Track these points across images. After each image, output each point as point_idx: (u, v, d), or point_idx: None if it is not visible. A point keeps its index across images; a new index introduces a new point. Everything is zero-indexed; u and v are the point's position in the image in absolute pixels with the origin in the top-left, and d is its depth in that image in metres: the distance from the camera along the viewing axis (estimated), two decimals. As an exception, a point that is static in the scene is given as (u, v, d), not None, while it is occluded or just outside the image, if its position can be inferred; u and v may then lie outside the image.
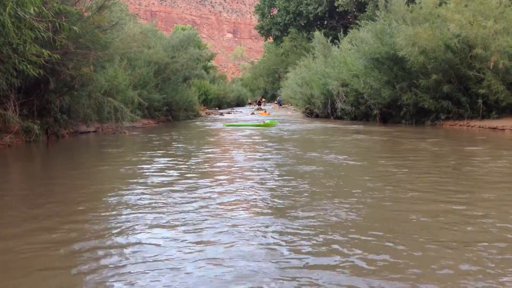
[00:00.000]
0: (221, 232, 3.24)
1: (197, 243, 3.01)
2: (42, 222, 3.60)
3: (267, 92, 61.85)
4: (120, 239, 3.13)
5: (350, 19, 36.00)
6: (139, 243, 3.03)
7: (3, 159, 7.90)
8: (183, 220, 3.55)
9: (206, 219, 3.55)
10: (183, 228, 3.35)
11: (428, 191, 4.57)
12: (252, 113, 30.76)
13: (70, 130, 11.87)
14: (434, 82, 14.60)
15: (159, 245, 2.97)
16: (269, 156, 7.49)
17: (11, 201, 4.49)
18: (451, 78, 14.70)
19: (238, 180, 5.36)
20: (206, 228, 3.34)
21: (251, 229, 3.31)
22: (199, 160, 7.13)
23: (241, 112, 35.55)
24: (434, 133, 12.17)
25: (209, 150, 9.01)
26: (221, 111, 36.33)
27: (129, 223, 3.49)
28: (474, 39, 13.69)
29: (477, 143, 9.75)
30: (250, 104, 62.46)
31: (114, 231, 3.31)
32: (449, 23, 14.07)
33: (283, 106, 44.61)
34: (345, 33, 24.39)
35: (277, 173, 5.81)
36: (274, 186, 4.92)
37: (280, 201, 4.20)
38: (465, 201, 4.16)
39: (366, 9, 30.86)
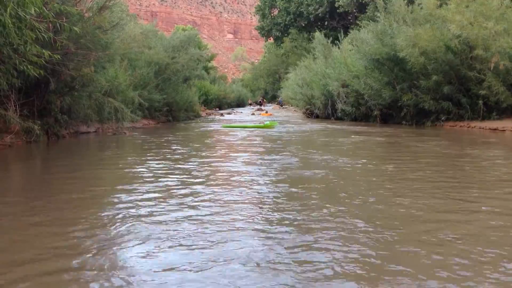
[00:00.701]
0: (225, 251, 2.89)
1: (195, 263, 2.69)
2: (40, 221, 3.60)
3: (268, 92, 61.87)
4: (113, 242, 3.13)
5: (351, 20, 36.00)
6: (129, 253, 2.92)
7: (4, 159, 7.90)
8: (178, 232, 3.30)
9: (205, 234, 3.24)
10: (178, 240, 3.08)
11: (451, 201, 4.25)
12: (253, 114, 30.75)
13: (71, 130, 11.87)
14: (434, 83, 14.61)
15: (156, 262, 2.71)
16: (271, 160, 7.30)
17: (10, 201, 4.49)
18: (452, 79, 14.71)
19: (240, 187, 5.04)
20: (205, 245, 3.00)
21: (257, 246, 2.99)
22: (198, 164, 6.90)
23: (241, 112, 35.48)
24: (437, 134, 12.14)
25: (209, 153, 8.88)
26: (221, 111, 36.30)
27: (122, 227, 3.49)
28: (475, 40, 13.70)
29: (484, 145, 9.59)
30: (250, 104, 62.43)
31: (107, 234, 3.31)
32: (450, 24, 14.08)
33: (284, 106, 44.62)
34: (346, 34, 24.36)
35: (281, 178, 5.51)
36: (279, 194, 4.62)
37: (289, 212, 3.83)
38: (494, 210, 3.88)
39: (366, 10, 30.87)
